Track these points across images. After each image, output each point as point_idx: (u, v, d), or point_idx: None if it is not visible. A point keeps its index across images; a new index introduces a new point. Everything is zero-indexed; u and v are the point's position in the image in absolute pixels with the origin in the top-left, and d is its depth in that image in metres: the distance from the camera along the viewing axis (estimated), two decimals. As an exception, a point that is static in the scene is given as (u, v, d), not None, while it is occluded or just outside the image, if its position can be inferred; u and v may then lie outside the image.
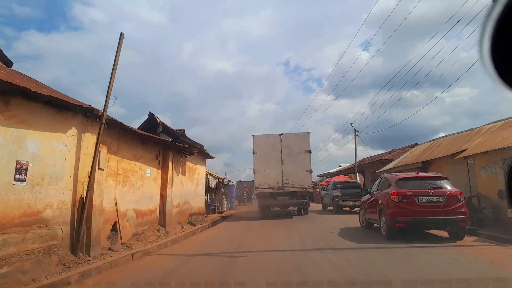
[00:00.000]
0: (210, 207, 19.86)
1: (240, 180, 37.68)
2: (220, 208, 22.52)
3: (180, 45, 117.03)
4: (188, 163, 13.54)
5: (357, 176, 24.56)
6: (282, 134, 15.77)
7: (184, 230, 11.14)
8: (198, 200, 15.38)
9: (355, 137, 24.35)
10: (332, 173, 37.72)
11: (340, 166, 40.99)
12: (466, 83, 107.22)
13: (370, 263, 5.66)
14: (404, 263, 5.66)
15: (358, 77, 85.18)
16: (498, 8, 0.92)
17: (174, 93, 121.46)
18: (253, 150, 15.59)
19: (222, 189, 23.80)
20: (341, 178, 25.17)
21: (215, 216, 17.12)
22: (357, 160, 37.39)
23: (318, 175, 43.14)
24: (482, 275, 4.68)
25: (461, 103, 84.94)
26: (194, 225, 12.90)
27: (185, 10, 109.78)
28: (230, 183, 28.04)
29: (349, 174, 26.75)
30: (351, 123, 25.43)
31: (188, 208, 13.61)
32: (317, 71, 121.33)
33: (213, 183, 20.70)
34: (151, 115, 12.10)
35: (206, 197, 18.25)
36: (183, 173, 12.83)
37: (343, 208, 16.73)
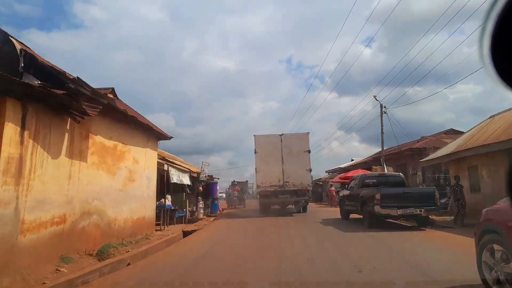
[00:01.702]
0: (176, 214, 13.46)
1: (234, 181, 34.65)
2: (196, 215, 16.12)
3: (182, 43, 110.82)
4: (98, 137, 7.07)
5: (385, 168, 17.88)
6: (282, 134, 16.24)
7: (44, 284, 4.69)
8: (136, 207, 8.92)
9: (381, 115, 17.66)
10: (344, 168, 31.28)
11: (352, 160, 34.67)
12: (470, 79, 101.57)
13: None
14: None
15: (360, 74, 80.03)
16: (499, 6, 0.87)
17: (177, 92, 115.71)
18: (254, 149, 15.98)
19: (200, 188, 17.29)
20: (360, 173, 18.54)
21: (174, 232, 10.63)
22: (372, 155, 30.92)
23: (326, 171, 37.28)
24: None
25: (465, 99, 79.02)
26: (103, 258, 6.47)
27: (186, 8, 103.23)
28: (216, 179, 21.51)
29: (373, 167, 19.98)
30: (374, 96, 18.80)
31: (99, 223, 7.14)
32: (320, 68, 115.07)
33: (183, 179, 14.06)
34: (3, 35, 5.48)
35: (164, 200, 11.83)
36: (78, 156, 6.34)
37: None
